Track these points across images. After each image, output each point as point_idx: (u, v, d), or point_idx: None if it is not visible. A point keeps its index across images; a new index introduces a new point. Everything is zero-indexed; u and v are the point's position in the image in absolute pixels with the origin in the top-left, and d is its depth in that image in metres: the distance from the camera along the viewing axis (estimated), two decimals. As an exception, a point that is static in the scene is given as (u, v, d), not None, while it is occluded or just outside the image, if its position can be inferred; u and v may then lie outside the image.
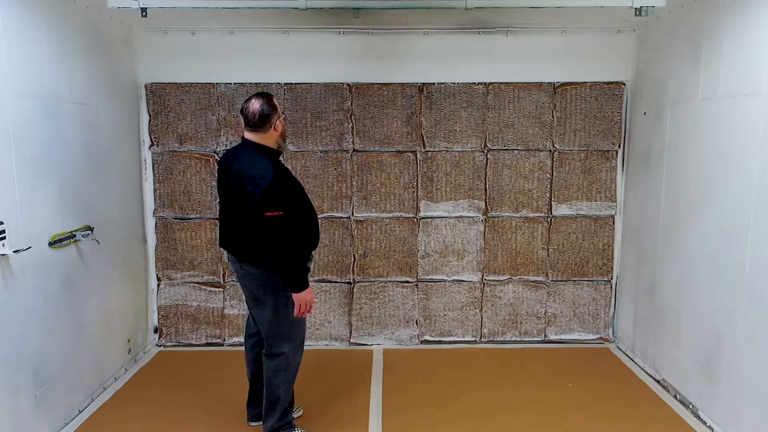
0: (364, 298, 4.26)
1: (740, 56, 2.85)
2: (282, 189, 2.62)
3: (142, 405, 3.35)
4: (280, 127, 2.73)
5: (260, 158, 2.66)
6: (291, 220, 2.63)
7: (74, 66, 3.24)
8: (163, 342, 4.29)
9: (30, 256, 2.76)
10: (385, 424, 3.12)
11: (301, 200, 2.77)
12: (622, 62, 4.10)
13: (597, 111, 4.13)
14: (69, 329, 3.15)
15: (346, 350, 4.21)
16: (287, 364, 2.84)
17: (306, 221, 2.78)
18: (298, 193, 2.77)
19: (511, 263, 4.26)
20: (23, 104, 2.77)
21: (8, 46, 2.66)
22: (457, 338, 4.32)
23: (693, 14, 3.28)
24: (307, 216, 2.79)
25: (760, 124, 2.68)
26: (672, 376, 3.49)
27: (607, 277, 4.30)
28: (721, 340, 2.97)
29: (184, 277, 4.24)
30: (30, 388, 2.78)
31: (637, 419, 3.18)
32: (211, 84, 4.08)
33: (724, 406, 2.96)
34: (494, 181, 4.18)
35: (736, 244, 2.85)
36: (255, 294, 2.79)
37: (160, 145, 4.13)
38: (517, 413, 3.24)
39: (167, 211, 4.19)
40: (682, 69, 3.38)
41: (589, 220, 4.24)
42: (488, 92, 4.11)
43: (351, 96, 4.09)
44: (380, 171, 4.16)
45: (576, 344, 4.31)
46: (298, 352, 2.90)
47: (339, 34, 3.99)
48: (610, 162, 4.19)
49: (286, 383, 2.86)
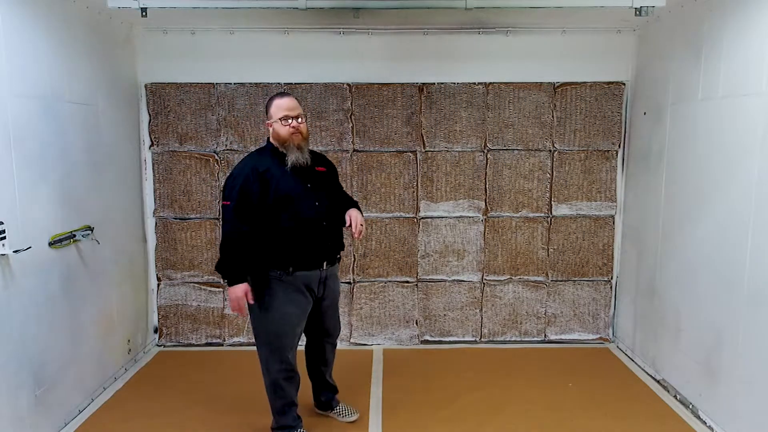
0: (364, 298, 4.26)
1: (740, 56, 2.85)
2: (238, 180, 2.65)
3: (142, 405, 3.35)
4: (272, 128, 2.74)
5: (258, 149, 2.85)
6: (238, 213, 2.63)
7: (74, 66, 3.24)
8: (163, 342, 4.29)
9: (30, 256, 2.76)
10: (385, 424, 3.12)
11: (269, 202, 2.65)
12: (622, 62, 4.10)
13: (597, 111, 4.13)
14: (69, 329, 3.15)
15: (346, 350, 4.20)
16: (266, 369, 2.83)
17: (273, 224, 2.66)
18: (266, 194, 2.65)
19: (511, 263, 4.26)
20: (23, 104, 2.77)
21: (8, 46, 2.66)
22: (457, 338, 4.32)
23: (693, 14, 3.28)
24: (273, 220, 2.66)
25: (760, 124, 2.68)
26: (672, 376, 3.49)
27: (607, 277, 4.30)
28: (721, 340, 2.97)
29: (184, 277, 4.25)
30: (30, 388, 2.78)
31: (637, 419, 3.18)
32: (211, 84, 4.08)
33: (724, 406, 2.96)
34: (494, 181, 4.18)
35: (736, 243, 2.85)
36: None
37: (160, 145, 4.13)
38: (517, 413, 3.24)
39: (167, 211, 4.19)
40: (682, 69, 3.38)
41: (589, 220, 4.24)
42: (488, 92, 4.11)
43: (351, 96, 4.09)
44: (380, 171, 4.16)
45: (576, 344, 4.31)
46: (273, 360, 2.78)
47: (339, 34, 3.99)
48: (610, 162, 4.19)
49: (269, 388, 2.85)
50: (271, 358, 2.79)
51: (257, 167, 2.69)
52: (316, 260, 2.77)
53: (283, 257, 2.70)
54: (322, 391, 3.17)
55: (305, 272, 2.73)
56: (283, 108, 2.70)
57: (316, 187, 2.79)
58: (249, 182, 2.65)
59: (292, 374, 2.85)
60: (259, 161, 2.72)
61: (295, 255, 2.70)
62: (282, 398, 2.85)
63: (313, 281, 2.78)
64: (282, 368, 2.79)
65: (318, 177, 2.83)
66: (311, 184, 2.77)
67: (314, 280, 2.78)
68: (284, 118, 2.69)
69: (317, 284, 2.80)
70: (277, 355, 2.78)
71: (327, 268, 2.82)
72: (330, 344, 3.08)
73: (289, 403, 2.88)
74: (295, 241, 2.69)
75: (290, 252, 2.69)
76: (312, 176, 2.79)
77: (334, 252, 2.86)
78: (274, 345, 2.77)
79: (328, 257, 2.81)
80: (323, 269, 2.80)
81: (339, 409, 3.18)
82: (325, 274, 2.82)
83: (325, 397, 3.18)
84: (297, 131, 2.70)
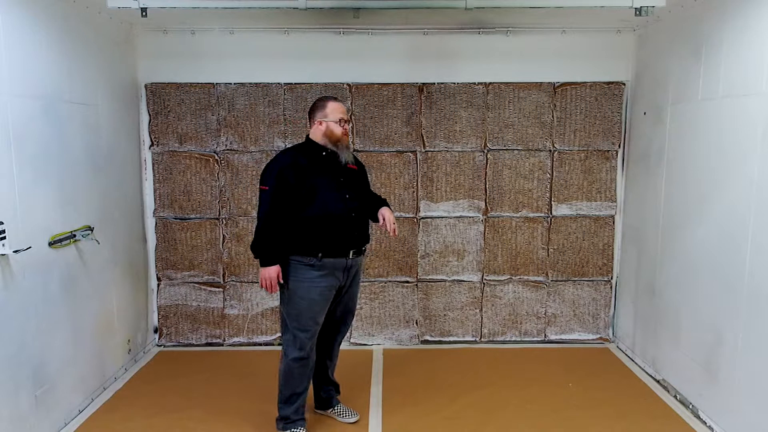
0: (364, 298, 4.26)
1: (740, 56, 2.85)
2: (276, 168, 2.83)
3: (142, 405, 3.35)
4: (324, 126, 2.91)
5: (295, 144, 3.10)
6: (275, 198, 2.79)
7: (74, 66, 3.24)
8: (163, 342, 4.29)
9: (30, 256, 2.76)
10: (385, 424, 3.12)
11: (303, 192, 2.83)
12: (622, 62, 4.10)
13: (597, 111, 4.13)
14: (69, 329, 3.15)
15: (346, 350, 4.18)
16: (285, 353, 2.94)
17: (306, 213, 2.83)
18: (302, 184, 2.83)
19: (511, 263, 4.26)
20: (23, 104, 2.77)
21: (8, 46, 2.66)
22: (457, 338, 4.32)
23: (693, 14, 3.28)
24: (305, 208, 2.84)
25: (760, 124, 2.68)
26: (672, 376, 3.49)
27: (607, 277, 4.30)
28: (721, 340, 2.97)
29: (184, 277, 4.24)
30: (30, 388, 2.78)
31: (637, 419, 3.18)
32: (211, 84, 4.08)
33: (724, 406, 2.96)
34: (494, 181, 4.19)
35: (736, 243, 2.85)
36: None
37: (160, 145, 4.13)
38: (517, 413, 3.24)
39: (167, 211, 4.19)
40: (682, 69, 3.38)
41: (589, 220, 4.24)
42: (488, 92, 4.11)
43: (351, 96, 4.09)
44: (380, 171, 4.16)
45: (576, 344, 4.31)
46: (293, 346, 2.90)
47: (339, 34, 3.99)
48: (610, 162, 4.19)
49: (282, 373, 2.95)
50: (291, 343, 2.92)
51: (295, 159, 2.89)
52: (344, 249, 2.92)
53: (314, 244, 2.85)
54: (324, 387, 3.21)
55: (333, 259, 2.88)
56: (340, 111, 2.93)
57: (347, 183, 2.97)
58: (286, 171, 2.82)
59: (306, 363, 2.95)
60: (297, 154, 2.93)
61: (325, 242, 2.86)
62: (290, 387, 2.95)
63: (339, 268, 2.92)
64: (299, 356, 2.91)
65: (349, 174, 3.02)
66: (343, 179, 2.96)
67: (341, 267, 2.92)
68: (341, 120, 2.92)
69: (343, 271, 2.94)
70: (297, 340, 2.90)
71: (353, 258, 2.96)
72: (339, 339, 3.19)
73: (296, 394, 2.96)
74: (325, 229, 2.86)
75: (321, 239, 2.85)
76: (345, 172, 2.98)
77: (361, 243, 3.01)
78: (296, 329, 2.90)
79: (354, 247, 2.96)
80: (350, 258, 2.94)
81: (339, 409, 3.20)
82: (351, 263, 2.96)
83: (327, 394, 3.21)
84: (347, 133, 2.98)
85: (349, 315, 3.15)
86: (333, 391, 3.23)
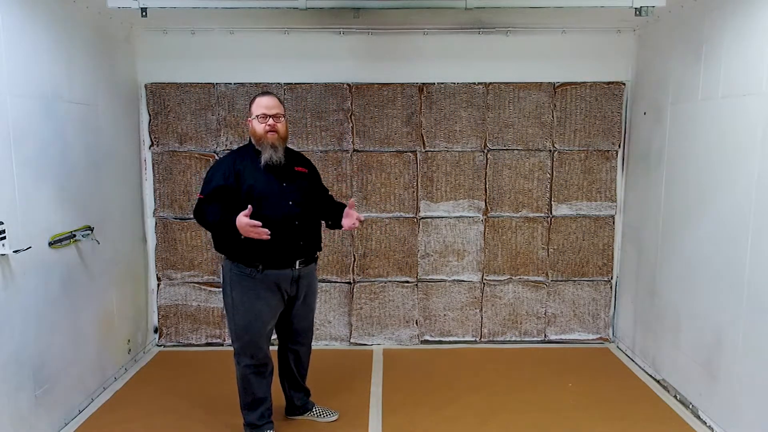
0: (364, 298, 4.26)
1: (740, 56, 2.85)
2: (211, 175, 2.73)
3: (142, 405, 3.35)
4: (251, 125, 2.76)
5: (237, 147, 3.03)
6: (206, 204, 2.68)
7: (74, 66, 3.24)
8: (163, 342, 4.29)
9: (30, 256, 2.76)
10: (385, 424, 3.12)
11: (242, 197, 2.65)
12: (622, 62, 4.10)
13: (597, 111, 4.13)
14: (69, 329, 3.15)
15: (346, 350, 4.21)
16: (237, 363, 2.86)
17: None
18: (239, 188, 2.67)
19: (511, 263, 4.26)
20: (23, 104, 2.77)
21: (8, 46, 2.66)
22: (457, 338, 4.32)
23: (693, 14, 3.28)
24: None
25: (760, 124, 2.68)
26: (672, 376, 3.49)
27: (607, 277, 4.30)
28: (721, 340, 2.97)
29: (184, 277, 4.24)
30: (30, 388, 2.78)
31: (637, 419, 3.18)
32: (211, 84, 4.08)
33: (724, 406, 2.96)
34: (494, 181, 4.18)
35: (736, 244, 2.85)
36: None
37: (160, 145, 4.13)
38: (517, 413, 3.24)
39: (167, 211, 4.19)
40: (682, 69, 3.38)
41: (589, 220, 4.24)
42: (488, 92, 4.11)
43: (351, 96, 4.09)
44: (380, 171, 4.16)
45: (576, 344, 4.31)
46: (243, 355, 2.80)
47: (339, 34, 3.99)
48: (610, 162, 4.19)
49: (239, 380, 2.88)
50: (241, 353, 2.83)
51: (235, 163, 2.73)
52: (288, 259, 2.76)
53: (254, 255, 2.69)
54: (296, 394, 3.12)
55: (276, 271, 2.73)
56: (262, 106, 2.72)
57: (292, 187, 2.78)
58: (225, 178, 2.69)
59: (262, 370, 2.86)
60: (238, 158, 2.76)
61: (265, 253, 2.68)
62: (250, 394, 2.87)
63: (284, 280, 2.76)
64: (251, 363, 2.82)
65: (296, 177, 2.83)
66: (286, 183, 2.77)
67: (286, 279, 2.76)
68: (262, 116, 2.71)
69: (289, 283, 2.79)
70: (247, 350, 2.80)
71: (300, 268, 2.80)
72: (303, 345, 3.06)
73: (257, 399, 2.88)
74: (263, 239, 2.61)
75: (260, 250, 2.66)
76: (289, 175, 2.79)
77: (309, 252, 2.85)
78: (243, 340, 2.79)
79: (300, 256, 2.80)
80: (295, 268, 2.78)
81: (317, 411, 3.15)
82: (298, 274, 2.80)
83: (300, 401, 3.13)
84: (273, 130, 2.71)
85: (305, 324, 3.00)
86: (306, 397, 3.15)
